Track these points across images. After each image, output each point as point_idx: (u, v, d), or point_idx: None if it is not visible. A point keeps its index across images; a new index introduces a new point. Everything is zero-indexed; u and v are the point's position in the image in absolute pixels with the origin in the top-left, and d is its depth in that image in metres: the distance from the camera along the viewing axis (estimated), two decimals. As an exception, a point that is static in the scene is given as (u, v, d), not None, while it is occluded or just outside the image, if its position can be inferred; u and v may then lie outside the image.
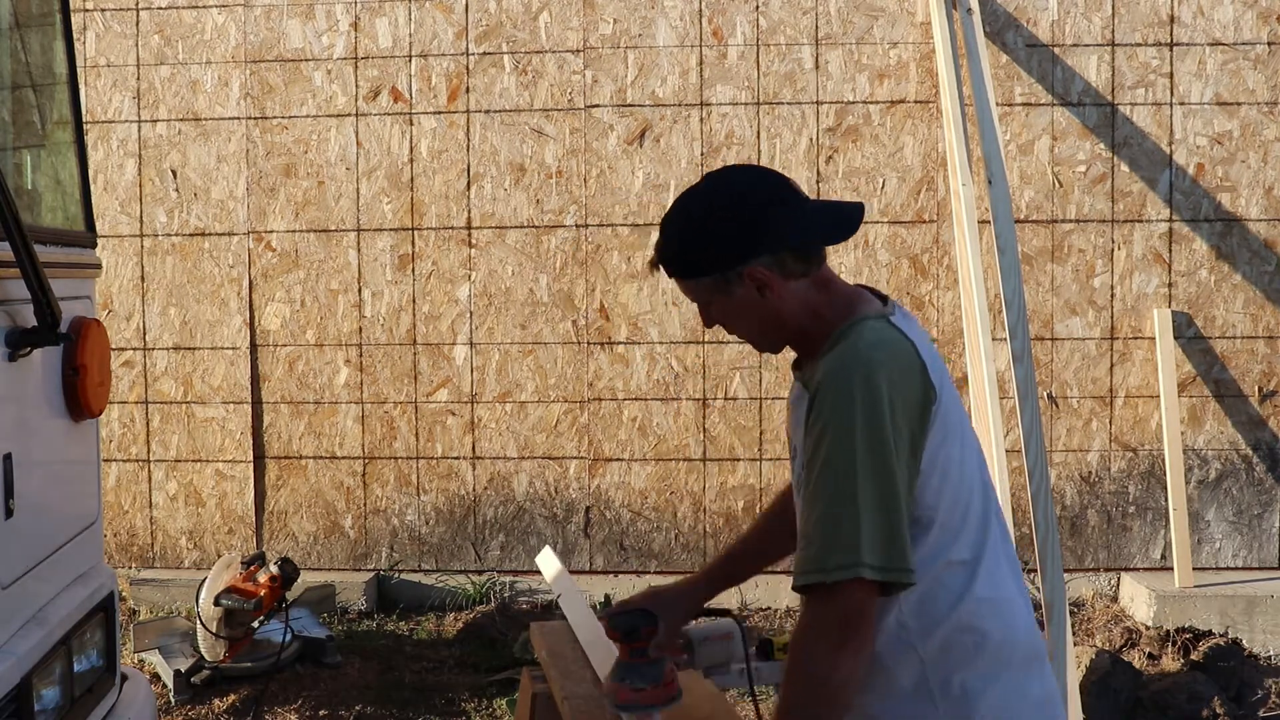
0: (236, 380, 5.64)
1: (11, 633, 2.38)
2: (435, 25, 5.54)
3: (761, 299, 1.85)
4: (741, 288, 1.84)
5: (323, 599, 5.27)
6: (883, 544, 1.68)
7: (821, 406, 1.75)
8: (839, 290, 1.90)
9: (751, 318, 1.89)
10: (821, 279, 1.88)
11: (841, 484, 1.70)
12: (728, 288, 1.85)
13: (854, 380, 1.73)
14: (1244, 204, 5.43)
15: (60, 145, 3.09)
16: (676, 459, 5.54)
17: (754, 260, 1.82)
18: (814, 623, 1.72)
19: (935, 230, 5.47)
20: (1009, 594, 1.85)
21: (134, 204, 5.65)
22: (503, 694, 4.53)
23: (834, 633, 1.69)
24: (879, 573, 1.68)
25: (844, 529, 1.68)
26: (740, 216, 1.83)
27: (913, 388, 1.76)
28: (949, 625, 1.80)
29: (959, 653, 1.80)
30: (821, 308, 1.87)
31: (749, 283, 1.83)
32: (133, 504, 5.71)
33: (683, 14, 5.48)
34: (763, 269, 1.82)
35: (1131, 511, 5.51)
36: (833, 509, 1.70)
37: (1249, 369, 5.46)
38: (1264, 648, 5.02)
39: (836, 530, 1.69)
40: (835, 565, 1.68)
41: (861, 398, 1.71)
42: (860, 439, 1.69)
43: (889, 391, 1.72)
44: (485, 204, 5.56)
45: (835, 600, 1.69)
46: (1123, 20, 5.41)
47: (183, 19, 5.60)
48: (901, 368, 1.77)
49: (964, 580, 1.80)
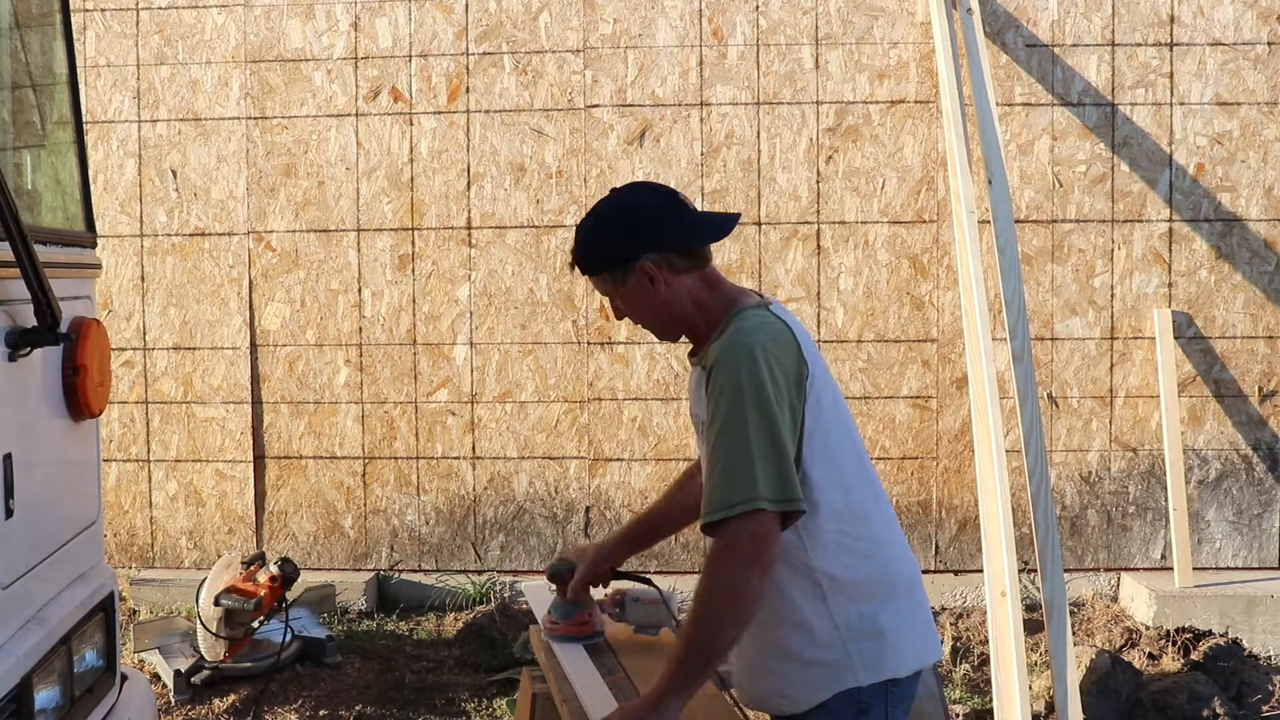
0: (236, 380, 5.64)
1: (11, 633, 2.38)
2: (435, 25, 5.54)
3: (652, 290, 2.21)
4: (634, 280, 2.21)
5: (323, 599, 5.27)
6: (774, 480, 2.02)
7: (715, 378, 2.10)
8: (723, 288, 2.26)
9: (645, 307, 2.25)
10: (708, 277, 2.25)
11: (736, 437, 2.04)
12: (624, 280, 2.22)
13: (739, 354, 2.08)
14: (1244, 204, 5.43)
15: (60, 145, 3.09)
16: (676, 459, 5.54)
17: (643, 256, 2.19)
18: (726, 547, 2.03)
19: (935, 230, 5.47)
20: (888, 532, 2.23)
21: (134, 204, 5.65)
22: (503, 694, 4.54)
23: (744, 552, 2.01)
24: (774, 504, 2.02)
25: (741, 473, 2.02)
26: (632, 219, 2.23)
27: (789, 359, 2.10)
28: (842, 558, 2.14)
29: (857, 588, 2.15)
30: (706, 300, 2.24)
31: (640, 275, 2.20)
32: (133, 504, 5.71)
33: (683, 14, 5.48)
34: (650, 264, 2.19)
35: (1131, 511, 5.51)
36: (731, 458, 2.03)
37: (1249, 369, 5.46)
38: (1264, 648, 5.02)
39: (735, 475, 2.02)
40: (738, 501, 2.01)
41: (746, 367, 2.06)
42: (748, 399, 2.04)
43: (767, 361, 2.06)
44: (485, 204, 5.57)
45: (744, 528, 2.01)
46: (1123, 20, 5.41)
47: (183, 19, 5.60)
48: (778, 344, 2.11)
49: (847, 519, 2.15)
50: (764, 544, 2.02)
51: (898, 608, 2.18)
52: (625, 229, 2.22)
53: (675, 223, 2.22)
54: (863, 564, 2.16)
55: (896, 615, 2.17)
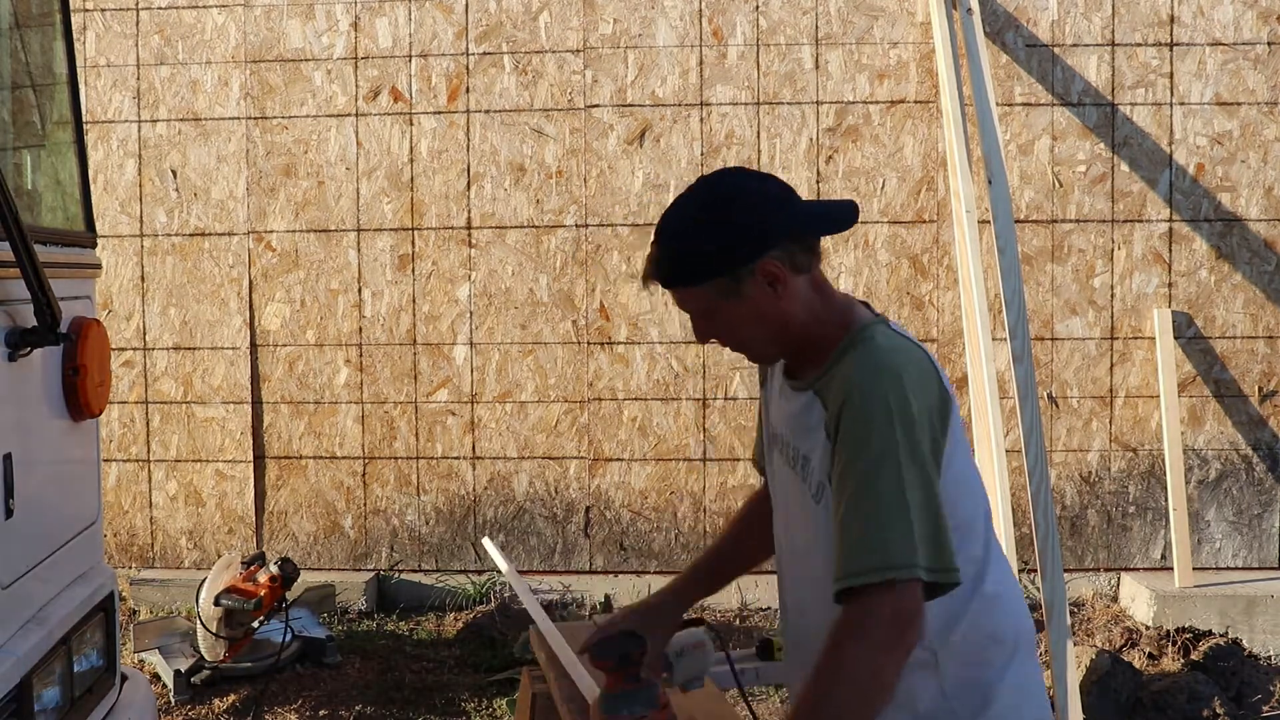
0: (236, 380, 5.64)
1: (11, 633, 2.38)
2: (435, 25, 5.54)
3: (774, 296, 1.81)
4: (753, 285, 1.80)
5: (323, 599, 5.27)
6: (932, 546, 1.68)
7: (852, 413, 1.73)
8: (833, 295, 1.90)
9: (759, 321, 1.84)
10: (817, 281, 1.88)
11: (888, 490, 1.69)
12: (738, 288, 1.81)
13: (885, 387, 1.72)
14: (1244, 204, 5.43)
15: (60, 145, 3.09)
16: (676, 459, 5.54)
17: (766, 254, 1.79)
18: (861, 623, 1.67)
19: (935, 230, 5.47)
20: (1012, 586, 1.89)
21: (134, 204, 5.65)
22: (503, 694, 4.54)
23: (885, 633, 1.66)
24: (932, 574, 1.67)
25: (897, 532, 1.67)
26: (746, 211, 1.81)
27: (932, 392, 1.76)
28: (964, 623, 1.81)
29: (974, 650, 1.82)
30: (821, 311, 1.86)
31: (760, 279, 1.80)
32: (133, 504, 5.71)
33: (683, 14, 5.48)
34: (775, 262, 1.80)
35: (1131, 511, 5.51)
36: (883, 514, 1.68)
37: (1249, 369, 5.46)
38: (1264, 648, 5.02)
39: (889, 533, 1.67)
40: (894, 565, 1.66)
41: (896, 404, 1.71)
42: (901, 444, 1.69)
43: (915, 397, 1.72)
44: (485, 204, 5.56)
45: (887, 601, 1.66)
46: (1123, 20, 5.41)
47: (183, 19, 5.60)
48: (922, 373, 1.77)
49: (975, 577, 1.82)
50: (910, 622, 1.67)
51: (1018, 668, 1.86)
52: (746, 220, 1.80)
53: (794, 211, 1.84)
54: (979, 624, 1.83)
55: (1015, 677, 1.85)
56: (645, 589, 5.46)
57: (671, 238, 1.84)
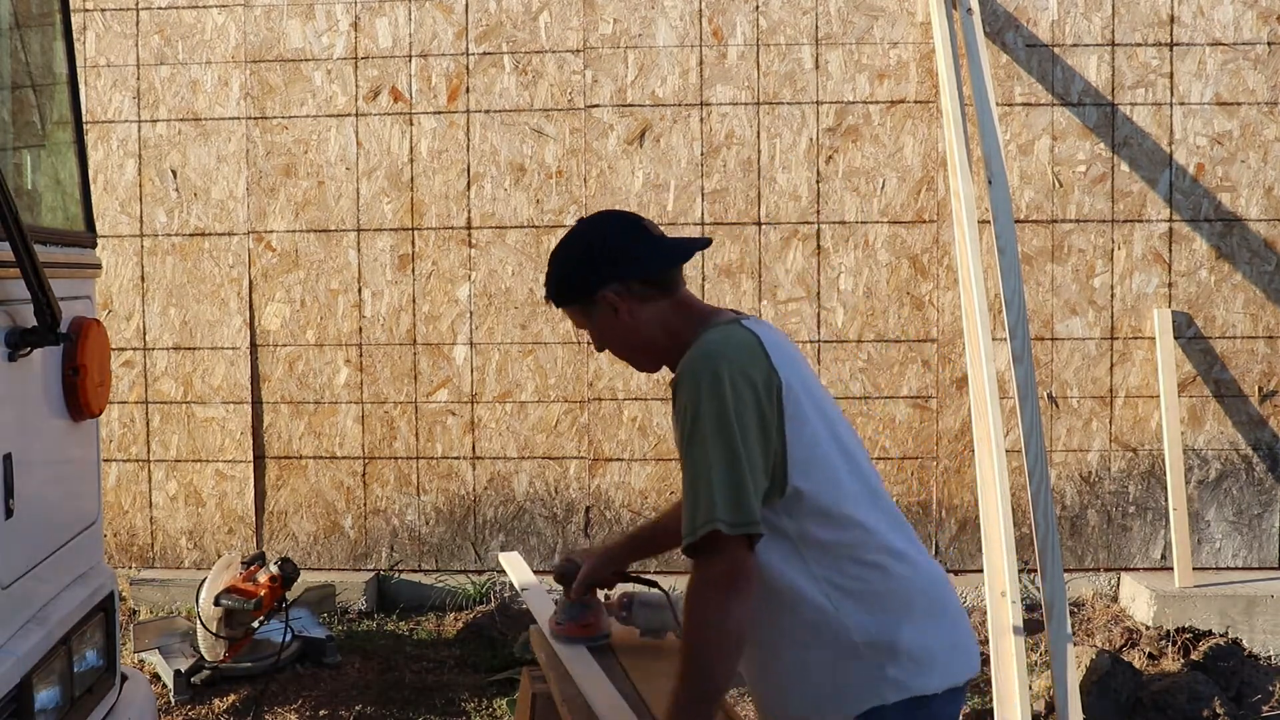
0: (236, 380, 5.64)
1: (11, 633, 2.38)
2: (435, 25, 5.54)
3: (617, 318, 2.19)
4: (599, 311, 2.20)
5: (323, 599, 5.27)
6: (730, 502, 1.94)
7: (677, 397, 2.05)
8: (696, 311, 2.21)
9: (615, 337, 2.23)
10: (681, 303, 2.21)
11: (697, 457, 1.98)
12: (591, 311, 2.22)
13: (698, 370, 2.02)
14: (1244, 204, 5.43)
15: (60, 145, 3.09)
16: (676, 459, 5.53)
17: (604, 287, 2.18)
18: (699, 577, 1.97)
19: (935, 230, 5.47)
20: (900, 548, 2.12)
21: (134, 204, 5.65)
22: (503, 694, 4.54)
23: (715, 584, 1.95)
24: (730, 526, 1.93)
25: (701, 494, 1.96)
26: (592, 251, 2.21)
27: (756, 370, 2.01)
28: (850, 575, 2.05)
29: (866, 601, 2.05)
30: (677, 326, 2.19)
31: (605, 305, 2.19)
32: (133, 504, 5.71)
33: (683, 14, 5.48)
34: (612, 294, 2.18)
35: (1131, 511, 5.51)
36: (694, 479, 1.98)
37: (1249, 369, 5.46)
38: (1264, 648, 5.02)
39: (696, 497, 1.97)
40: (700, 524, 1.95)
41: (706, 384, 1.99)
42: (706, 418, 1.97)
43: (731, 375, 1.99)
44: (485, 204, 5.57)
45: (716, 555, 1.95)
46: (1123, 20, 5.41)
47: (183, 19, 5.60)
48: (742, 356, 2.03)
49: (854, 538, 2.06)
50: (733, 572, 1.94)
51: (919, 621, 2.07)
52: (584, 262, 2.21)
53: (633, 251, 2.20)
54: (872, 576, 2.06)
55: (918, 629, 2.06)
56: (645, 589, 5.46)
57: (550, 267, 2.28)
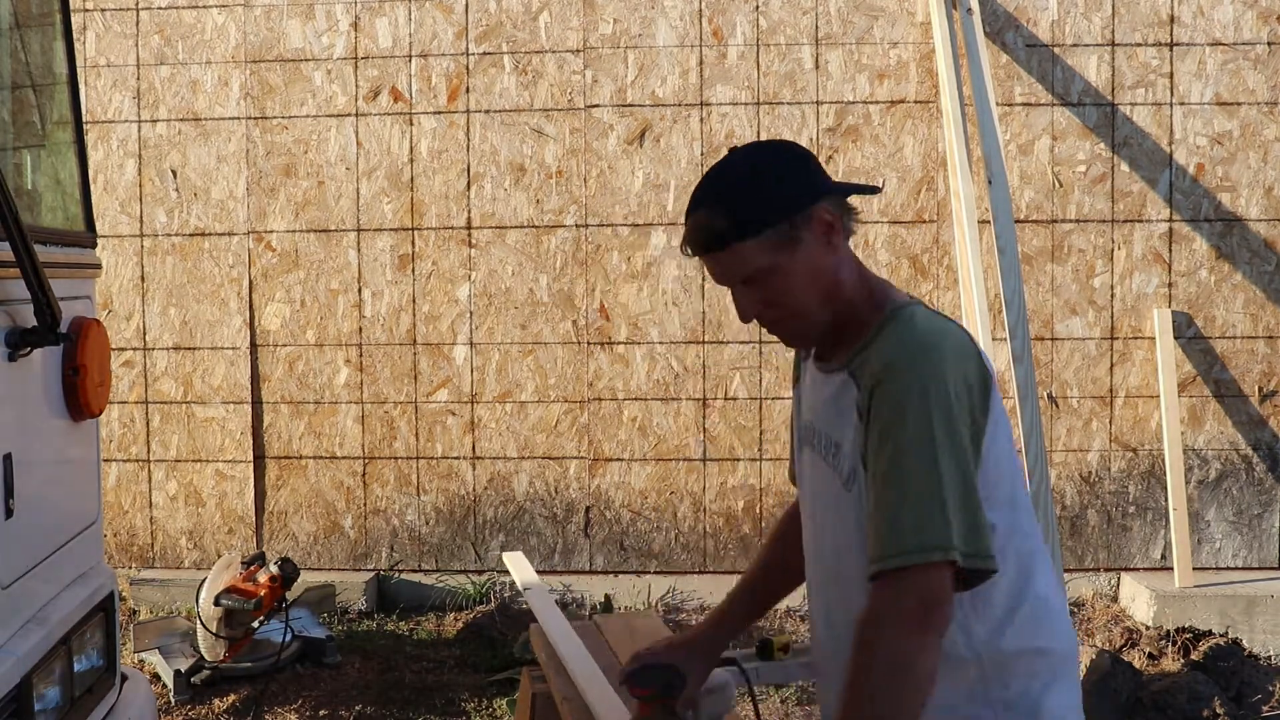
0: (236, 380, 5.64)
1: (11, 633, 2.38)
2: (435, 25, 5.54)
3: (828, 249, 1.76)
4: (810, 235, 1.74)
5: (323, 599, 5.27)
6: (968, 529, 1.62)
7: (887, 390, 1.67)
8: (870, 274, 1.84)
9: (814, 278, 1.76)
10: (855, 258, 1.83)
11: (922, 470, 1.62)
12: (797, 236, 1.74)
13: (921, 364, 1.67)
14: (1244, 204, 5.43)
15: (60, 145, 3.09)
16: (676, 459, 5.54)
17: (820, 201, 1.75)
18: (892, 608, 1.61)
19: (935, 230, 5.47)
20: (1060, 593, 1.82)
21: (134, 204, 5.65)
22: (503, 694, 4.54)
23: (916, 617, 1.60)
24: (966, 558, 1.61)
25: (931, 513, 1.61)
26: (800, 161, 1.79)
27: (971, 371, 1.69)
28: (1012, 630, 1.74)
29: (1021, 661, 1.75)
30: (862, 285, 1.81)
31: (817, 227, 1.75)
32: (133, 504, 5.71)
33: (683, 14, 5.48)
34: (830, 210, 1.75)
35: (1131, 511, 5.51)
36: (916, 494, 1.62)
37: (1249, 369, 5.46)
38: (1264, 648, 5.02)
39: (922, 514, 1.61)
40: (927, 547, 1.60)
41: (932, 383, 1.65)
42: (938, 424, 1.63)
43: (953, 376, 1.66)
44: (485, 204, 5.57)
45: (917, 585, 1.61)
46: (1123, 20, 5.41)
47: (183, 19, 5.60)
48: (960, 351, 1.70)
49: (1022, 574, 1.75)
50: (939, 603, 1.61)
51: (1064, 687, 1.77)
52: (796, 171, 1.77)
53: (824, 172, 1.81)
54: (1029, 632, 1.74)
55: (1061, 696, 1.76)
56: (645, 589, 5.46)
57: (721, 196, 1.77)
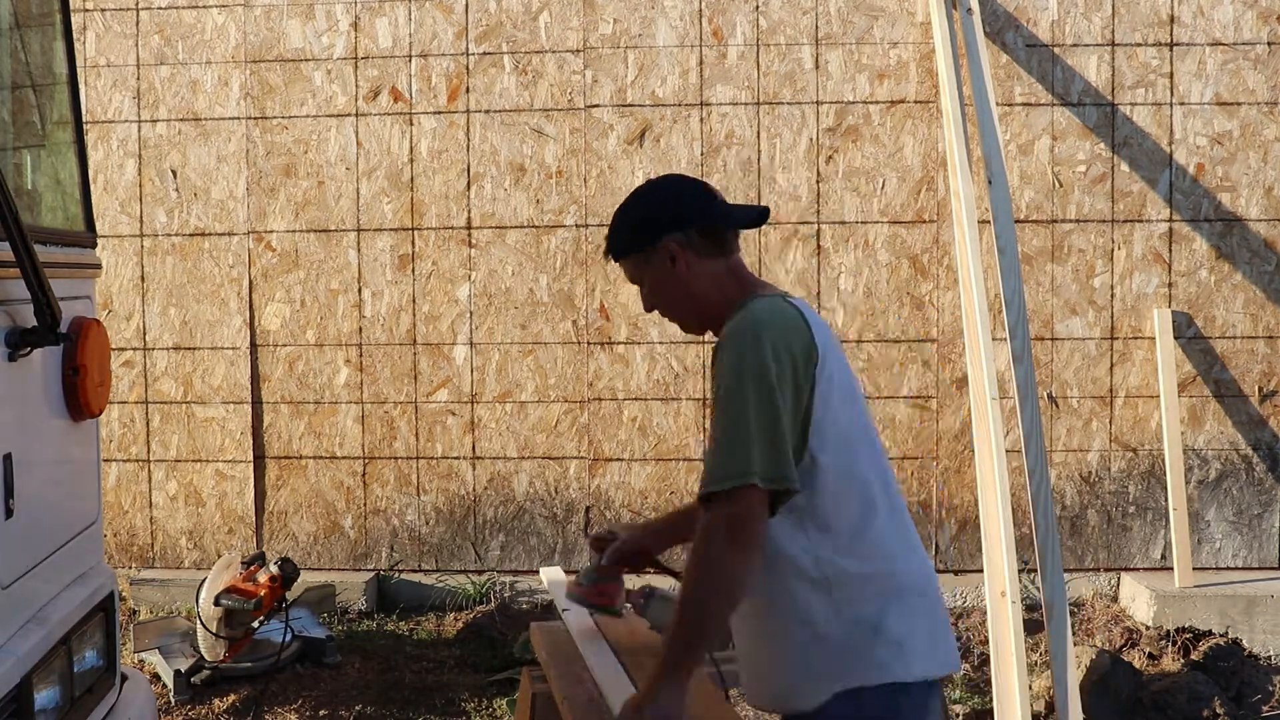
0: (236, 380, 5.64)
1: (11, 633, 2.38)
2: (435, 25, 5.54)
3: (674, 271, 2.24)
4: (658, 260, 2.25)
5: (323, 599, 5.27)
6: (768, 458, 1.99)
7: (719, 356, 2.11)
8: (748, 278, 2.29)
9: (669, 290, 2.28)
10: (734, 268, 2.28)
11: (734, 413, 2.02)
12: (648, 260, 2.26)
13: (744, 333, 2.08)
14: (1244, 204, 5.43)
15: (60, 145, 3.09)
16: (676, 459, 5.54)
17: (666, 235, 2.23)
18: (710, 524, 2.00)
19: (935, 230, 5.47)
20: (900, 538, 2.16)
21: (134, 204, 5.65)
22: (503, 694, 4.54)
23: (726, 531, 1.98)
24: (766, 481, 1.98)
25: (736, 447, 2.00)
26: (656, 200, 2.31)
27: (797, 341, 2.08)
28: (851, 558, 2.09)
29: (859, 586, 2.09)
30: (730, 289, 2.25)
31: (663, 255, 2.24)
32: (133, 504, 5.71)
33: (683, 14, 5.48)
34: (673, 244, 2.23)
35: (1131, 511, 5.51)
36: (727, 433, 2.02)
37: (1249, 369, 5.46)
38: (1264, 648, 5.02)
39: (730, 449, 2.01)
40: (729, 475, 1.99)
41: (750, 344, 2.05)
42: (748, 375, 2.02)
43: (772, 341, 2.05)
44: (485, 204, 5.57)
45: (729, 505, 1.98)
46: (1123, 20, 5.41)
47: (183, 19, 5.60)
48: (786, 326, 2.10)
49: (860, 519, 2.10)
50: (748, 522, 1.98)
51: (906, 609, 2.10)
52: (650, 210, 2.29)
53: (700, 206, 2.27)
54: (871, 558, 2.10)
55: (904, 617, 2.09)
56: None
57: (614, 222, 2.34)
